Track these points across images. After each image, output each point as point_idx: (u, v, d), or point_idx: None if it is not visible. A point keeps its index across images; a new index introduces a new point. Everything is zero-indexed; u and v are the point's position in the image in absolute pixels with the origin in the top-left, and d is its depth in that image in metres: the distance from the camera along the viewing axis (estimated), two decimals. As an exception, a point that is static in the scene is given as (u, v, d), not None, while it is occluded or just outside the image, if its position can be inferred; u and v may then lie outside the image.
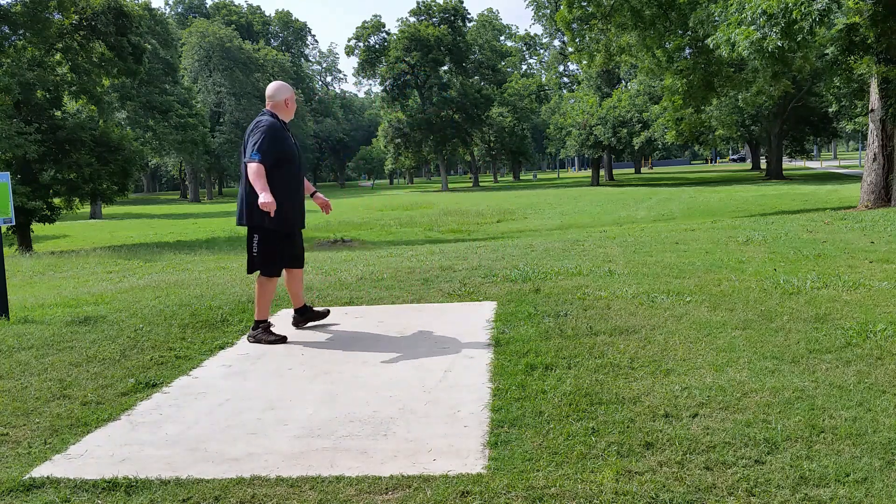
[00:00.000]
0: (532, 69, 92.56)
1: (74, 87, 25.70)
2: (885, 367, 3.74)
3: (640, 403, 3.38)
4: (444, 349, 4.54)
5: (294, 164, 4.95)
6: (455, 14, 63.97)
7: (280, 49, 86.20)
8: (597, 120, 53.98)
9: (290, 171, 4.91)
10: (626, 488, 2.56)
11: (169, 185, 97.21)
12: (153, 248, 19.73)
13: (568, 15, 21.28)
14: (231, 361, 4.52)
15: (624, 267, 7.14)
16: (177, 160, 66.50)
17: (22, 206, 21.48)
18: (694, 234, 10.58)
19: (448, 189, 63.73)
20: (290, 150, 4.92)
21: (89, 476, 2.85)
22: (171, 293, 6.99)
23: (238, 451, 3.08)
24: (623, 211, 28.14)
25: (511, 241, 11.61)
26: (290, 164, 4.90)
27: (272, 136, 4.78)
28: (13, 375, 4.29)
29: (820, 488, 2.53)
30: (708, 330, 4.57)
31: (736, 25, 14.46)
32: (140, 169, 30.47)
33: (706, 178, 56.22)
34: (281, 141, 4.84)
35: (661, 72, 20.88)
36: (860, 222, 10.99)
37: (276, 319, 5.67)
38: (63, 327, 5.45)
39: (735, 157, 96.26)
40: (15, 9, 23.48)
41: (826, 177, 45.89)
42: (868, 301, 5.17)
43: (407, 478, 2.74)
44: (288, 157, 4.89)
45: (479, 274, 7.09)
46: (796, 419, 3.11)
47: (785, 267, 6.83)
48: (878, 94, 15.14)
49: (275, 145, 4.76)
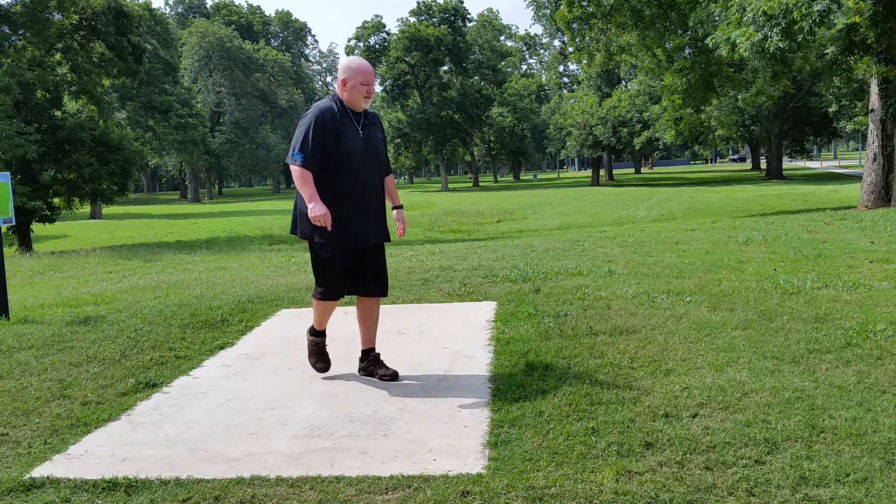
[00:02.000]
0: (532, 69, 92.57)
1: (74, 88, 25.71)
2: (885, 367, 3.74)
3: (640, 403, 3.38)
4: (443, 349, 4.54)
5: (356, 162, 3.86)
6: (455, 14, 63.97)
7: (280, 49, 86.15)
8: (597, 120, 53.96)
9: (349, 172, 3.85)
10: (626, 488, 2.56)
11: (169, 185, 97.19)
12: (153, 248, 19.73)
13: (568, 14, 21.29)
14: (231, 361, 4.52)
15: (624, 267, 7.13)
16: (177, 160, 66.50)
17: (22, 206, 21.47)
18: (694, 234, 10.58)
19: (448, 189, 63.71)
20: (348, 146, 3.83)
21: (89, 476, 2.85)
22: (171, 293, 6.99)
23: (238, 452, 3.08)
24: (623, 211, 28.13)
25: (511, 242, 11.61)
26: (349, 163, 3.85)
27: (317, 128, 3.76)
28: (13, 375, 4.29)
29: (820, 488, 2.53)
30: (708, 330, 4.57)
31: (736, 26, 14.46)
32: (140, 169, 30.43)
33: (706, 178, 56.21)
34: (332, 133, 3.79)
35: (661, 72, 20.88)
36: (860, 222, 10.99)
37: (276, 321, 5.67)
38: (63, 327, 5.45)
39: (735, 157, 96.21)
40: (15, 9, 23.49)
41: (826, 177, 45.88)
42: (868, 301, 5.17)
43: (407, 478, 2.74)
44: (345, 154, 3.83)
45: (479, 274, 7.09)
46: (796, 419, 3.11)
47: (785, 267, 6.83)
48: (878, 94, 15.14)
49: (322, 138, 3.76)
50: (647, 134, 51.09)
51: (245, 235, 25.91)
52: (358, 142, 3.86)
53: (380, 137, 4.05)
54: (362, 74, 3.84)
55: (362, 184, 3.89)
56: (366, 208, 3.91)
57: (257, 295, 6.57)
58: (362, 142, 3.88)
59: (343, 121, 3.83)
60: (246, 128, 68.46)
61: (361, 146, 3.87)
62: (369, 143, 3.92)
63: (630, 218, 23.98)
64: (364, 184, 3.89)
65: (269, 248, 19.13)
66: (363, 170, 3.88)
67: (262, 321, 5.56)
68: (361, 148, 3.87)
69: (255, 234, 26.54)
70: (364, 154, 3.88)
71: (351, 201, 3.85)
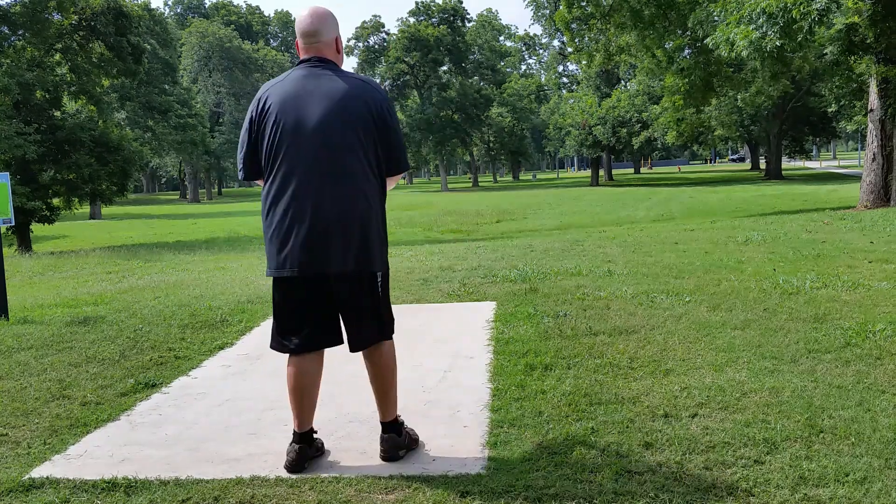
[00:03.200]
0: (531, 69, 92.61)
1: (74, 88, 25.70)
2: (884, 367, 3.74)
3: (640, 403, 3.38)
4: (443, 349, 4.54)
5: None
6: (454, 14, 63.99)
7: (279, 49, 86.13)
8: (596, 120, 53.98)
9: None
10: (625, 488, 2.56)
11: (168, 185, 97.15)
12: (153, 248, 19.73)
13: (567, 15, 21.31)
14: (230, 362, 4.52)
15: (623, 267, 7.14)
16: (176, 160, 66.44)
17: (21, 206, 21.46)
18: (693, 234, 10.58)
19: (448, 189, 63.70)
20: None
21: (89, 476, 2.85)
22: (170, 293, 6.99)
23: (237, 452, 3.08)
24: (622, 211, 28.13)
25: (510, 242, 11.61)
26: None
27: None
28: (13, 376, 4.29)
29: (819, 488, 2.53)
30: (707, 330, 4.57)
31: (735, 25, 14.47)
32: (139, 169, 30.39)
33: (705, 178, 56.22)
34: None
35: (661, 72, 20.89)
36: (859, 222, 10.99)
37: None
38: (62, 328, 5.45)
39: (734, 158, 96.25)
40: (14, 9, 23.48)
41: (825, 177, 45.90)
42: (867, 301, 5.17)
43: (406, 478, 2.74)
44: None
45: (479, 274, 7.09)
46: (795, 419, 3.11)
47: (784, 267, 6.83)
48: (878, 94, 15.15)
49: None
50: (646, 134, 51.10)
51: (245, 235, 25.90)
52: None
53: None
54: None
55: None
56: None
57: (257, 295, 6.57)
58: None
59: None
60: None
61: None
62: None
63: (629, 218, 23.98)
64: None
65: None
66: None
67: (262, 321, 5.56)
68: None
69: (255, 234, 26.53)
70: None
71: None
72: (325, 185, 2.73)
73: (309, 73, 2.83)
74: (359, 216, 2.76)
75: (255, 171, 2.89)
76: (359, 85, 2.83)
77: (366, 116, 2.78)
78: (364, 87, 2.83)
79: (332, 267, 2.76)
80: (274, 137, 2.77)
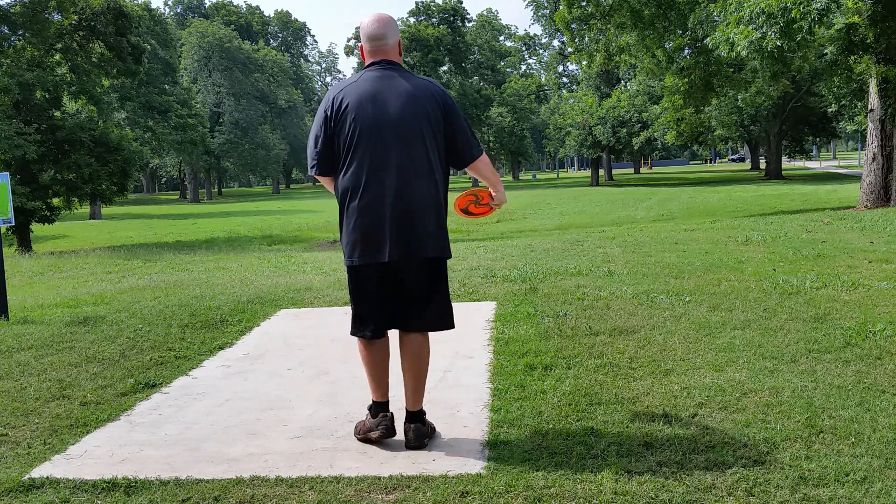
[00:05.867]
0: (531, 69, 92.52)
1: (74, 88, 25.68)
2: (884, 367, 3.74)
3: (640, 403, 3.38)
4: (443, 349, 4.54)
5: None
6: (454, 14, 63.98)
7: (279, 49, 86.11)
8: (596, 120, 53.97)
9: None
10: (625, 488, 2.56)
11: (168, 185, 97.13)
12: (153, 248, 19.73)
13: (567, 15, 21.30)
14: (230, 362, 4.52)
15: (623, 267, 7.14)
16: (176, 160, 66.41)
17: (21, 206, 21.46)
18: (693, 234, 10.58)
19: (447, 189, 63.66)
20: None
21: (89, 476, 2.85)
22: (170, 293, 6.99)
23: (237, 452, 3.08)
24: (622, 211, 28.13)
25: (510, 242, 11.61)
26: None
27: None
28: (13, 376, 4.29)
29: (819, 488, 2.53)
30: (707, 330, 4.57)
31: (735, 24, 14.47)
32: (139, 169, 30.37)
33: (705, 178, 56.22)
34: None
35: (661, 72, 20.88)
36: (859, 222, 10.99)
37: (276, 321, 5.67)
38: (62, 328, 5.45)
39: (734, 158, 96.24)
40: (14, 9, 23.48)
41: (825, 177, 45.89)
42: (867, 301, 5.17)
43: (406, 478, 2.74)
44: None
45: (479, 274, 7.09)
46: (795, 419, 3.11)
47: (784, 267, 6.83)
48: (878, 94, 15.14)
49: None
50: (646, 134, 51.09)
51: (245, 235, 25.91)
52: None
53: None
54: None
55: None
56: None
57: (257, 295, 6.57)
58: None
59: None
60: (245, 128, 68.39)
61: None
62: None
63: (629, 218, 23.98)
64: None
65: (268, 248, 19.14)
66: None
67: (262, 321, 5.56)
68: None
69: (255, 234, 26.54)
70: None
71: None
72: (402, 176, 2.97)
73: (381, 74, 3.10)
74: (433, 204, 3.05)
75: (328, 166, 3.09)
76: (425, 83, 3.11)
77: (434, 111, 3.05)
78: (429, 84, 3.12)
79: (412, 252, 2.99)
80: (353, 133, 2.99)
